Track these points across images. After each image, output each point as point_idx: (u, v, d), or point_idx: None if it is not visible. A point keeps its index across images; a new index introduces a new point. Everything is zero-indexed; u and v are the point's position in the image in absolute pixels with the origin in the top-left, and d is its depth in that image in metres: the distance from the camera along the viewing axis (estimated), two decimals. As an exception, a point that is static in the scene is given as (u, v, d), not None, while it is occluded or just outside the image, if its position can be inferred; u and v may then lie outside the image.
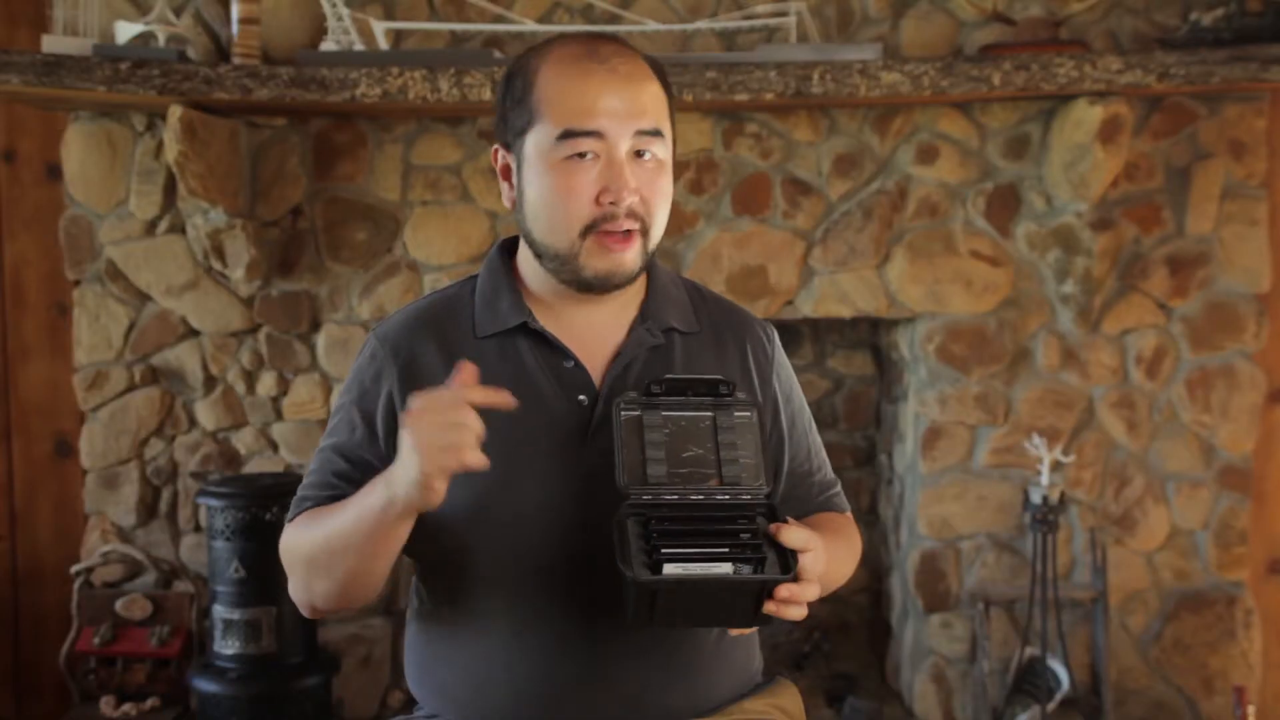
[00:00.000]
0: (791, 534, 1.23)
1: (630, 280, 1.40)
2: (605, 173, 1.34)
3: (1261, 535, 3.14)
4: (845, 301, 3.01)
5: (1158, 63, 2.68)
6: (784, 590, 1.20)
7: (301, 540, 1.39)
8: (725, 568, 1.21)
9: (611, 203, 1.34)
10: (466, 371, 1.24)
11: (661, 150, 1.38)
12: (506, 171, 1.42)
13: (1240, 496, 3.04)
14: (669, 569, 1.20)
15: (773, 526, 1.24)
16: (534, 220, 1.38)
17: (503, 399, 1.24)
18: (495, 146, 1.44)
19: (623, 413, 1.30)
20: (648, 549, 1.22)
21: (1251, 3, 2.74)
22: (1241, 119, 2.97)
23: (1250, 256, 3.00)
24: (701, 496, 1.26)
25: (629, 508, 1.25)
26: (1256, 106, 2.98)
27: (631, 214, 1.35)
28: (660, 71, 1.42)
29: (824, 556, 1.33)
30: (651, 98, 1.37)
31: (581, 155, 1.34)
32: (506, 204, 1.43)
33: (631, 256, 1.37)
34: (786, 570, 1.21)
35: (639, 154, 1.36)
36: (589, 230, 1.35)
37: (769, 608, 1.21)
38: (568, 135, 1.33)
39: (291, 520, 1.44)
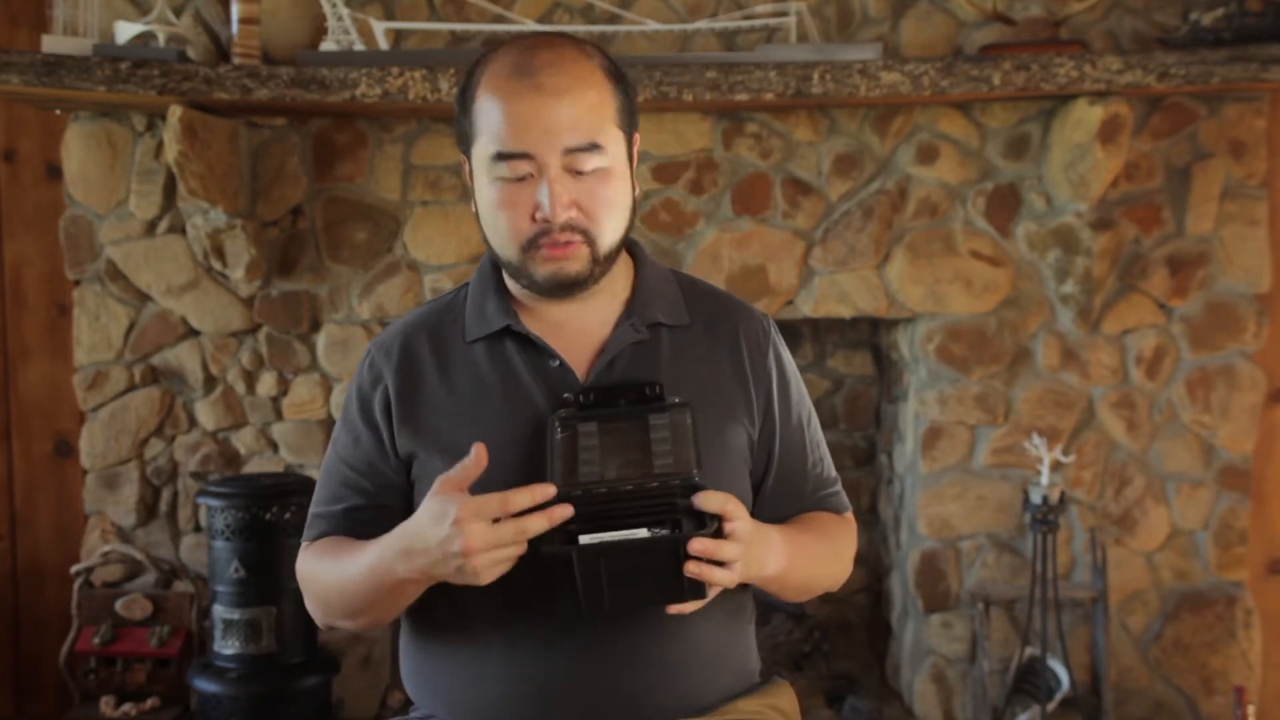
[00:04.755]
0: (708, 498, 1.25)
1: (583, 282, 1.40)
2: (539, 191, 1.35)
3: (1261, 535, 3.14)
4: (845, 301, 3.01)
5: (1158, 63, 2.68)
6: (696, 544, 1.21)
7: (321, 577, 1.43)
8: (642, 533, 1.22)
9: (545, 220, 1.35)
10: (482, 454, 1.27)
11: (602, 160, 1.37)
12: (471, 176, 1.44)
13: (1240, 496, 3.04)
14: (583, 539, 1.21)
15: (693, 496, 1.25)
16: (486, 228, 1.42)
17: (546, 493, 1.24)
18: (463, 156, 1.46)
19: (558, 430, 1.32)
20: (565, 530, 1.23)
21: (1251, 3, 2.74)
22: (1241, 119, 2.97)
23: (1250, 256, 3.00)
24: (630, 487, 1.27)
25: (555, 500, 1.26)
26: (1256, 106, 2.98)
27: (569, 228, 1.36)
28: (611, 72, 1.40)
29: (779, 540, 1.36)
30: (585, 109, 1.35)
31: (519, 178, 1.36)
32: (472, 208, 1.45)
33: (575, 261, 1.38)
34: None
35: (578, 170, 1.36)
36: (529, 245, 1.37)
37: (690, 569, 1.22)
38: (499, 158, 1.36)
39: (308, 543, 1.47)
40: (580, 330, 1.44)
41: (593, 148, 1.36)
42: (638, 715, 1.37)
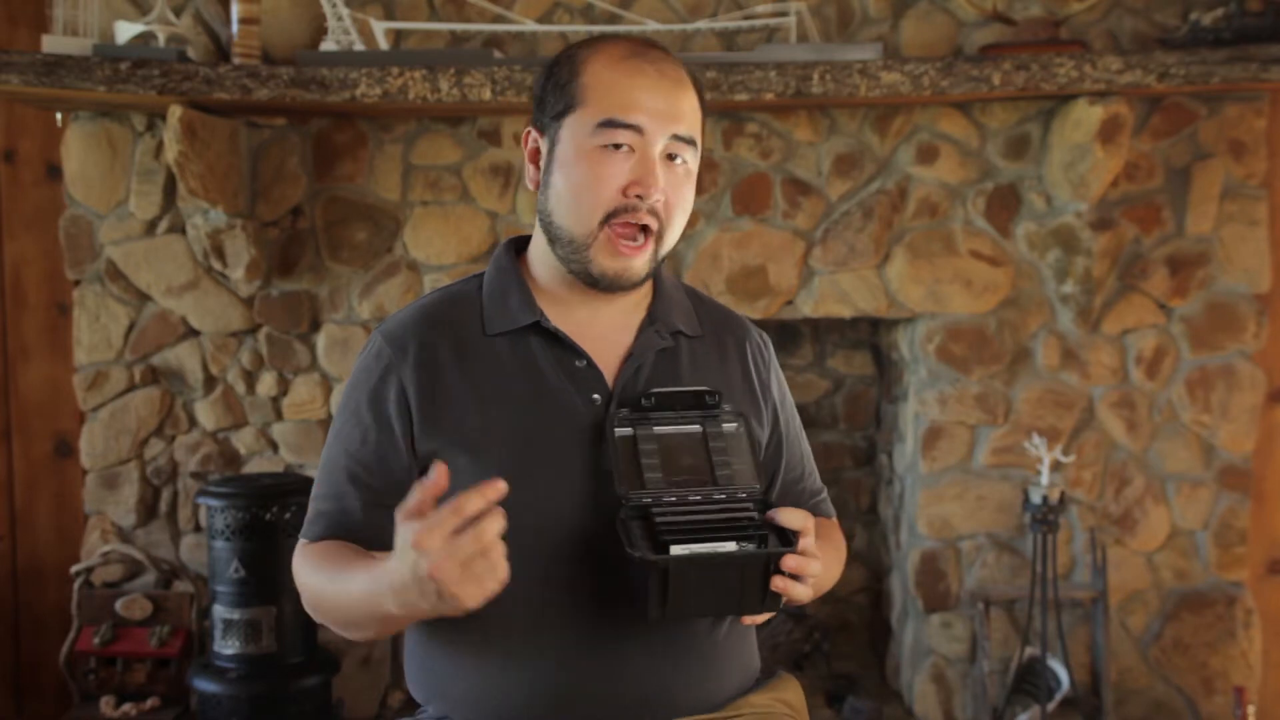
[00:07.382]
0: (789, 514, 1.27)
1: (637, 284, 1.42)
2: (638, 167, 1.37)
3: (1261, 535, 3.14)
4: (845, 301, 3.01)
5: (1158, 63, 2.68)
6: (790, 561, 1.24)
7: (317, 590, 1.39)
8: (730, 546, 1.24)
9: (639, 195, 1.36)
10: (442, 475, 1.17)
11: (692, 159, 1.41)
12: (535, 155, 1.44)
13: (1240, 496, 3.04)
14: (676, 549, 1.22)
15: (769, 512, 1.28)
16: (557, 203, 1.40)
17: (498, 490, 1.17)
18: (528, 129, 1.46)
19: (616, 430, 1.33)
20: (653, 537, 1.24)
21: (1251, 3, 2.74)
22: (1241, 119, 2.97)
23: (1250, 256, 3.00)
24: (699, 497, 1.29)
25: (630, 509, 1.28)
26: (1256, 106, 2.98)
27: (653, 212, 1.37)
28: (699, 86, 1.45)
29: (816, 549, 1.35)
30: (691, 108, 1.41)
31: (617, 146, 1.37)
32: (529, 185, 1.45)
33: (641, 262, 1.39)
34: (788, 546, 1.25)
35: (670, 157, 1.39)
36: (609, 219, 1.37)
37: (777, 584, 1.24)
38: (608, 124, 1.36)
39: (307, 541, 1.43)
40: (603, 332, 1.44)
41: (693, 143, 1.40)
42: (652, 714, 1.37)
